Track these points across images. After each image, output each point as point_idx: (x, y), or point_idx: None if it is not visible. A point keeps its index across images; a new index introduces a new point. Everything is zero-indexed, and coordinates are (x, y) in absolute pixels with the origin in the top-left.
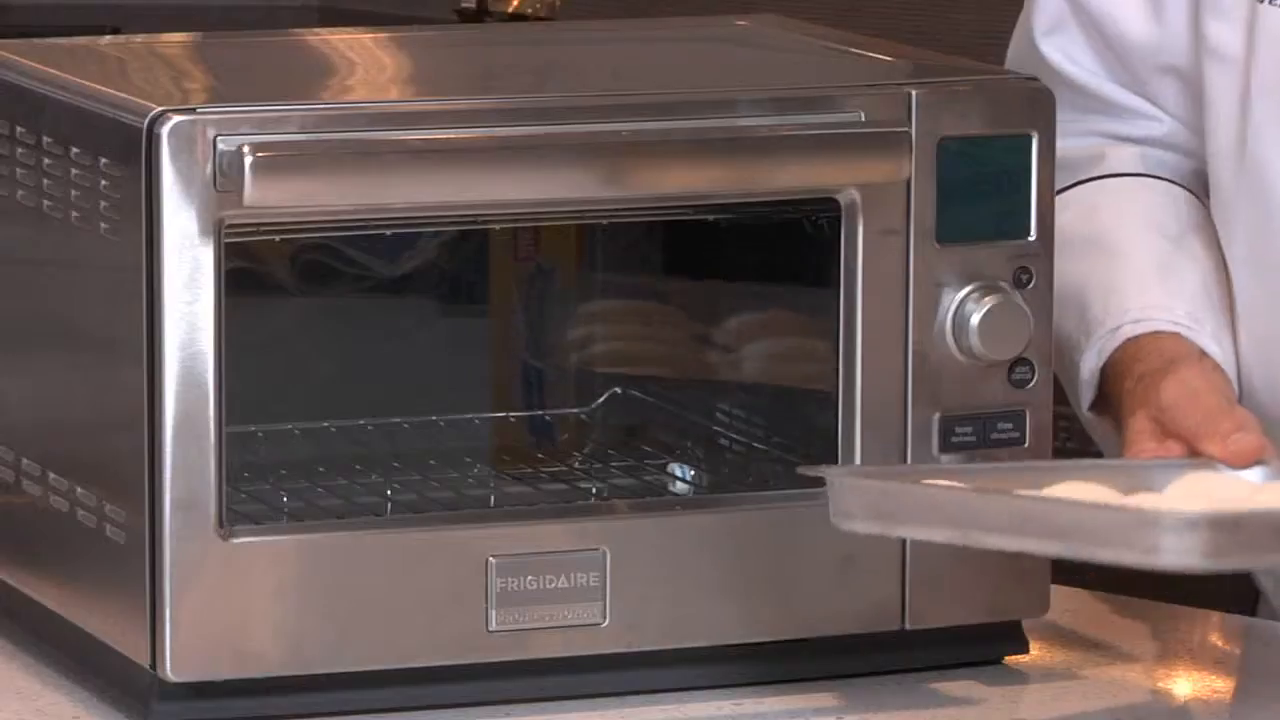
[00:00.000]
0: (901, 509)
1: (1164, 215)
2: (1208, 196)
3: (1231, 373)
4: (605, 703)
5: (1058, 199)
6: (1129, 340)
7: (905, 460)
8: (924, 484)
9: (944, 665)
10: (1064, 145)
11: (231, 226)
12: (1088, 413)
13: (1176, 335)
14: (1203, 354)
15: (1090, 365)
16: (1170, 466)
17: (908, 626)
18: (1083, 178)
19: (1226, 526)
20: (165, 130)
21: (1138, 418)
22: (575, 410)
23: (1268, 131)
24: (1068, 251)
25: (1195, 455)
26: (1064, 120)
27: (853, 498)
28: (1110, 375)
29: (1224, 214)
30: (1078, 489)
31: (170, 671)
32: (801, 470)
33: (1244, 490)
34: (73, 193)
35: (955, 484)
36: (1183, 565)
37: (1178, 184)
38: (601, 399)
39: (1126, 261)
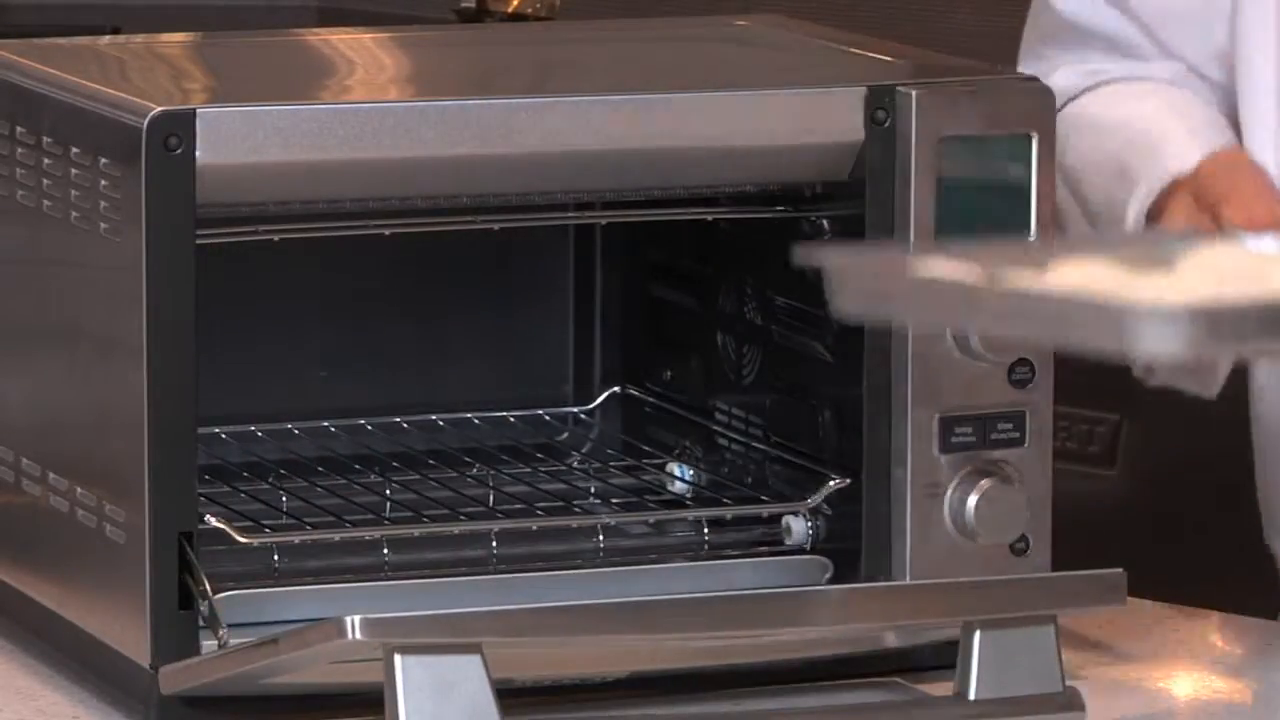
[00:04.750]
0: (894, 297)
1: (1194, 109)
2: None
3: None
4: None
5: (1079, 100)
6: (1179, 177)
7: (907, 459)
8: (916, 275)
9: (944, 665)
10: (1085, 81)
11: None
12: None
13: (1252, 166)
14: None
15: (1139, 205)
16: (1189, 239)
17: None
18: (1106, 80)
19: (1206, 316)
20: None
21: (1178, 194)
22: (575, 410)
23: None
24: (1095, 134)
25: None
26: (1088, 62)
27: (854, 280)
28: (1155, 215)
29: (1258, 138)
30: (1081, 269)
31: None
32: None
33: (1253, 265)
34: (73, 193)
35: (949, 275)
36: (1165, 354)
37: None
38: (601, 399)
39: (1163, 128)
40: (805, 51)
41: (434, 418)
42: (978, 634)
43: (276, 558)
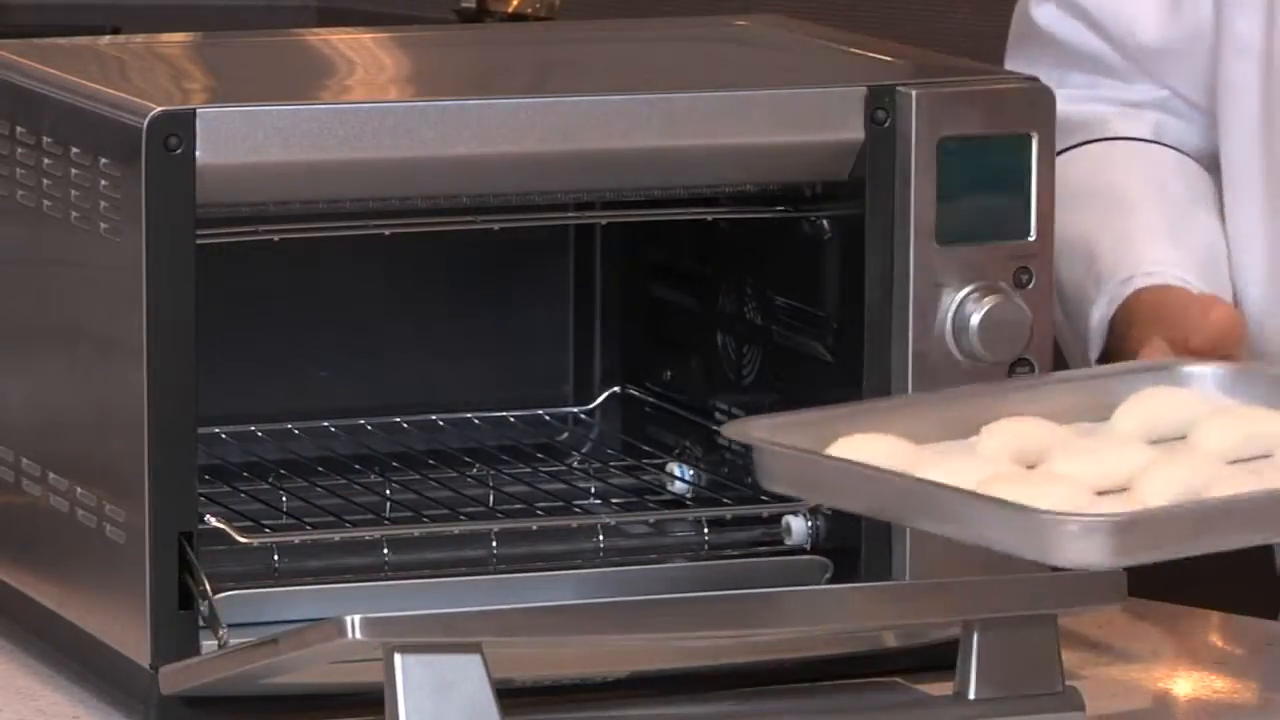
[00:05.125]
0: (821, 481)
1: (1174, 181)
2: (1216, 173)
3: None
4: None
5: (1064, 156)
6: (1140, 290)
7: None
8: (840, 461)
9: (944, 665)
10: (1070, 109)
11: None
12: (1096, 365)
13: (1186, 290)
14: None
15: (1101, 314)
16: (1128, 378)
17: None
18: (1091, 138)
19: (1125, 529)
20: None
21: (1154, 342)
22: (575, 410)
23: None
24: (1075, 204)
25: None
26: (1072, 86)
27: (776, 465)
28: (1118, 324)
29: (1240, 194)
30: (1016, 428)
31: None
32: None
33: (1189, 411)
34: (73, 193)
35: (873, 454)
36: (1085, 565)
37: (1189, 156)
38: (601, 399)
39: (1137, 216)
40: (805, 51)
41: (434, 418)
42: (977, 634)
43: (276, 558)
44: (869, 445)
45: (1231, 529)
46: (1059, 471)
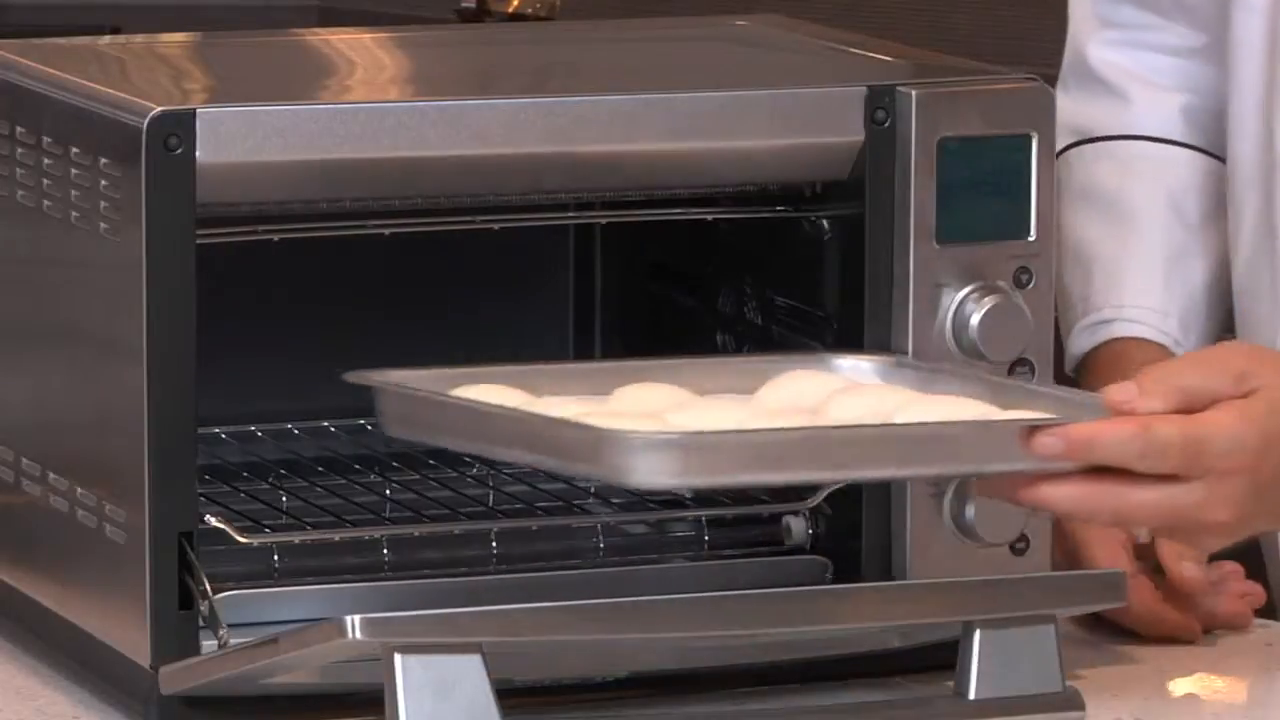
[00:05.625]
0: (427, 420)
1: (1189, 200)
2: None
3: None
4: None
5: (1092, 147)
6: (1117, 339)
7: None
8: (440, 398)
9: (944, 666)
10: (1104, 57)
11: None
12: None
13: (1163, 350)
14: None
15: (1079, 346)
16: (780, 362)
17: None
18: (1113, 134)
19: (686, 447)
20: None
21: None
22: None
23: None
24: (1091, 206)
25: None
26: (1122, 23)
27: (389, 406)
28: (1091, 362)
29: (1238, 155)
30: (639, 393)
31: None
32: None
33: (828, 389)
34: (73, 193)
35: (471, 399)
36: (652, 484)
37: (1216, 156)
38: None
39: (1140, 243)
40: (805, 51)
41: None
42: (978, 634)
43: (276, 558)
44: (485, 394)
45: (794, 461)
46: (672, 423)
